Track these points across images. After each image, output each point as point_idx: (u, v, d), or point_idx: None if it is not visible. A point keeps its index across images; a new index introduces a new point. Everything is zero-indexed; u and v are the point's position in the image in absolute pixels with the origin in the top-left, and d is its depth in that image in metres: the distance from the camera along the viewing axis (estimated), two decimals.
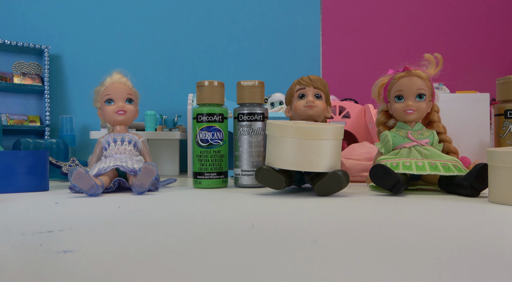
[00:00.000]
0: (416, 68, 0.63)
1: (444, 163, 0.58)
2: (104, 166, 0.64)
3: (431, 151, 0.61)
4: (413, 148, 0.61)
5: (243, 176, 0.72)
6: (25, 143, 0.95)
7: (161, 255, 0.26)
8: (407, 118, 0.63)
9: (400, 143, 0.63)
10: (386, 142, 0.64)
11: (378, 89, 0.68)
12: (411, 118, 0.63)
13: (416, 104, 0.62)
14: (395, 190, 0.56)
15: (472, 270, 0.22)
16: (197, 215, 0.42)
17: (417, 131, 0.63)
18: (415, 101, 0.62)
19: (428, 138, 0.62)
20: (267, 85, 0.98)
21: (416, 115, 0.63)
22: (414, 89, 0.62)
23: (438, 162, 0.58)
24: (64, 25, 1.41)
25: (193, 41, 1.51)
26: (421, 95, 0.62)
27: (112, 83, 0.70)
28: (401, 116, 0.64)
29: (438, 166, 0.57)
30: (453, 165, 0.58)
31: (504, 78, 0.72)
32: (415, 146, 0.61)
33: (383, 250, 0.27)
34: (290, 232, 0.33)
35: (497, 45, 1.79)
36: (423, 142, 0.61)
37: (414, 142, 0.62)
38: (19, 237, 0.31)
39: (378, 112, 0.69)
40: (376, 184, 0.58)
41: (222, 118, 0.72)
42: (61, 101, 1.40)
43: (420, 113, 0.63)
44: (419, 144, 0.61)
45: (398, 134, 0.63)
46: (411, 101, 0.62)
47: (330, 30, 1.73)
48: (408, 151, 0.61)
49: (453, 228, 0.34)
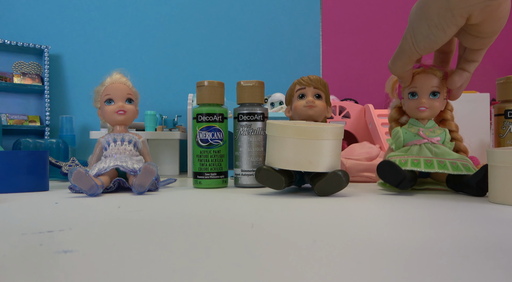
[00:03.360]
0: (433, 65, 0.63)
1: (453, 162, 0.58)
2: (104, 166, 0.64)
3: (442, 149, 0.61)
4: (423, 145, 0.61)
5: (243, 176, 0.72)
6: (25, 143, 0.95)
7: (161, 255, 0.26)
8: (420, 115, 0.63)
9: (411, 140, 0.63)
10: (397, 138, 0.64)
11: (393, 84, 0.68)
12: (424, 115, 0.63)
13: (430, 101, 0.62)
14: (401, 186, 0.57)
15: (472, 270, 0.22)
16: (197, 215, 0.42)
17: (429, 129, 0.63)
18: (429, 99, 0.62)
19: (439, 136, 0.62)
20: (267, 85, 0.98)
21: (428, 112, 0.63)
22: (429, 86, 0.62)
23: (447, 161, 0.58)
24: (64, 25, 1.41)
25: (193, 41, 1.51)
26: (435, 93, 0.62)
27: (112, 83, 0.70)
28: (414, 113, 0.64)
29: (447, 164, 0.57)
30: (462, 164, 0.58)
31: (504, 78, 0.72)
32: (426, 143, 0.61)
33: (383, 250, 0.27)
34: (290, 232, 0.33)
35: (497, 45, 1.79)
36: (434, 140, 0.61)
37: (425, 139, 0.62)
38: (19, 237, 0.31)
39: (391, 108, 0.69)
40: (383, 180, 0.58)
41: (222, 118, 0.72)
42: (61, 101, 1.40)
43: (433, 111, 0.63)
44: (430, 142, 0.61)
45: (410, 131, 0.64)
46: (425, 99, 0.62)
47: (330, 30, 1.73)
48: (418, 148, 0.62)
49: (453, 228, 0.34)
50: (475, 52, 0.56)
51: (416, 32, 0.53)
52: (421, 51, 0.54)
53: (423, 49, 0.54)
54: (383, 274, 0.22)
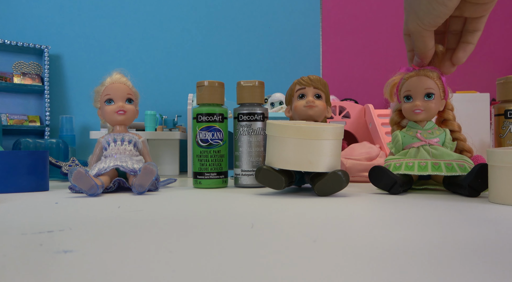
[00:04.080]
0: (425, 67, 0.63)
1: (448, 163, 0.58)
2: (104, 166, 0.64)
3: (440, 150, 0.61)
4: (421, 147, 0.62)
5: (243, 176, 0.72)
6: (25, 143, 0.95)
7: (161, 255, 0.26)
8: (415, 117, 0.63)
9: (409, 143, 0.63)
10: (396, 142, 0.65)
11: (391, 88, 0.68)
12: (419, 117, 0.63)
13: (425, 103, 0.62)
14: (392, 191, 0.58)
15: (472, 270, 0.22)
16: (197, 215, 0.42)
17: (427, 131, 0.63)
18: (423, 101, 0.62)
19: (438, 137, 0.62)
20: (267, 85, 0.98)
21: (424, 114, 0.63)
22: (422, 88, 0.62)
23: (442, 162, 0.58)
24: (64, 25, 1.41)
25: (193, 41, 1.51)
26: (430, 94, 0.62)
27: (112, 83, 0.70)
28: (410, 115, 0.64)
29: (441, 166, 0.57)
30: (458, 164, 0.57)
31: (504, 78, 0.72)
32: (424, 145, 0.61)
33: (383, 250, 0.27)
34: (290, 232, 0.33)
35: (497, 45, 1.79)
36: (432, 141, 0.61)
37: (422, 141, 0.62)
38: (19, 237, 0.31)
39: (392, 112, 0.69)
40: (375, 185, 0.60)
41: (222, 118, 0.72)
42: (61, 101, 1.40)
43: (429, 113, 0.63)
44: (428, 144, 0.61)
45: (408, 134, 0.64)
46: (419, 101, 0.62)
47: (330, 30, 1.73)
48: (416, 151, 0.62)
49: (453, 228, 0.34)
50: (477, 21, 0.55)
51: (417, 10, 0.52)
52: (427, 27, 0.54)
53: (428, 25, 0.53)
54: (383, 274, 0.22)
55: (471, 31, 0.57)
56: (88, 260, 0.25)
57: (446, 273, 0.22)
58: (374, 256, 0.25)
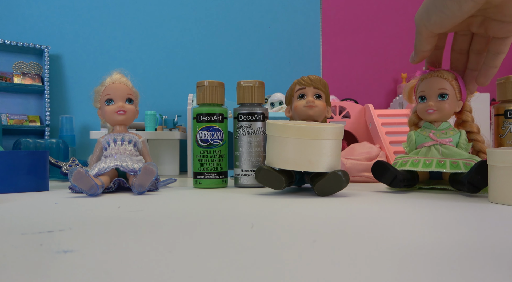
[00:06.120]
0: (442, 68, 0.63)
1: (454, 162, 0.58)
2: (104, 166, 0.64)
3: (451, 150, 0.61)
4: (432, 146, 0.62)
5: (243, 176, 0.72)
6: (25, 143, 0.95)
7: (161, 255, 0.26)
8: (428, 117, 0.64)
9: (422, 142, 0.64)
10: (410, 141, 0.66)
11: (409, 91, 0.69)
12: (432, 117, 0.64)
13: (438, 104, 0.62)
14: (393, 185, 0.60)
15: (472, 270, 0.22)
16: (197, 215, 0.42)
17: (441, 131, 0.63)
18: (437, 101, 0.63)
19: (452, 137, 0.62)
20: (267, 85, 0.98)
21: (437, 114, 0.63)
22: (435, 88, 0.62)
23: (447, 160, 0.59)
24: (64, 25, 1.41)
25: (193, 41, 1.51)
26: (444, 94, 0.62)
27: (112, 83, 0.70)
28: (424, 115, 0.65)
29: (446, 163, 0.58)
30: (464, 163, 0.58)
31: (504, 78, 0.72)
32: (435, 145, 0.62)
33: (383, 250, 0.27)
34: (290, 232, 0.33)
35: None
36: (444, 141, 0.62)
37: (434, 141, 0.62)
38: (19, 237, 0.31)
39: (412, 113, 0.69)
40: (377, 179, 0.62)
41: (222, 118, 0.72)
42: (61, 101, 1.40)
43: (442, 113, 0.63)
44: (439, 143, 0.62)
45: (421, 134, 0.65)
46: (432, 101, 0.63)
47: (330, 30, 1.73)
48: (427, 150, 0.62)
49: (453, 228, 0.34)
50: (501, 42, 0.53)
51: (429, 5, 0.50)
52: (431, 26, 0.51)
53: (433, 24, 0.51)
54: (383, 274, 0.22)
55: (494, 53, 0.55)
56: (88, 260, 0.25)
57: (446, 273, 0.22)
58: (374, 256, 0.25)
